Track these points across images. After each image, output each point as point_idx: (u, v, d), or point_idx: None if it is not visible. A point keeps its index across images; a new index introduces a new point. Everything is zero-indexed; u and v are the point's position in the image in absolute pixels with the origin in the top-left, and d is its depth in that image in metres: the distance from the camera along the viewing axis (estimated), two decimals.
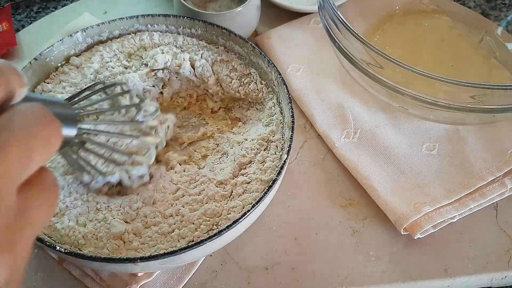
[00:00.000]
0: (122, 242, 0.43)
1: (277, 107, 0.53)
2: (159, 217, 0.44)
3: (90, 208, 0.44)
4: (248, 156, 0.49)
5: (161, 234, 0.43)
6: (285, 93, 0.49)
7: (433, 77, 0.48)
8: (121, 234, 0.43)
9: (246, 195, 0.46)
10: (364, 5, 0.69)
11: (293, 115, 0.48)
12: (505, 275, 0.49)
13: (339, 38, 0.55)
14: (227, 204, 0.45)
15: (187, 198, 0.46)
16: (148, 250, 0.42)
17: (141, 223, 0.44)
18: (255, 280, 0.48)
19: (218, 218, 0.44)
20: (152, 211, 0.45)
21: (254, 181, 0.47)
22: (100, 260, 0.39)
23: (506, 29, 0.66)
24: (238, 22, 0.61)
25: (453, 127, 0.58)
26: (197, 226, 0.43)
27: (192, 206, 0.45)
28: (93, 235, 0.43)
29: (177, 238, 0.43)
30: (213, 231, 0.43)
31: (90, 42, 0.57)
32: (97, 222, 0.44)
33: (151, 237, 0.43)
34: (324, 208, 0.53)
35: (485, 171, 0.53)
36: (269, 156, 0.49)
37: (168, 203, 0.45)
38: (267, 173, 0.47)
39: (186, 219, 0.44)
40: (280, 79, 0.50)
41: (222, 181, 0.47)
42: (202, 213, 0.44)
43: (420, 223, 0.49)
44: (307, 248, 0.50)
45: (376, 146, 0.56)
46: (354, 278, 0.48)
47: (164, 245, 0.42)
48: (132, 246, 0.42)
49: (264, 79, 0.55)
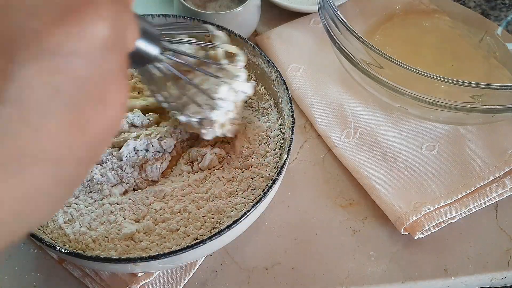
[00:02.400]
0: (133, 242, 0.43)
1: (274, 108, 0.53)
2: (168, 213, 0.45)
3: (104, 211, 0.45)
4: (251, 148, 0.50)
5: (169, 231, 0.44)
6: (285, 93, 0.50)
7: (433, 77, 0.48)
8: (132, 235, 0.43)
9: (249, 191, 0.47)
10: (364, 5, 0.69)
11: (293, 115, 0.48)
12: (505, 275, 0.49)
13: (339, 38, 0.55)
14: (230, 200, 0.46)
15: (194, 195, 0.46)
16: (155, 250, 0.42)
17: (151, 220, 0.44)
18: (255, 280, 0.48)
19: (221, 215, 0.45)
20: (161, 206, 0.45)
21: (257, 176, 0.47)
22: (99, 260, 0.39)
23: (506, 29, 0.66)
24: (238, 22, 0.61)
25: (453, 127, 0.58)
26: (202, 223, 0.44)
27: (198, 203, 0.46)
28: (104, 238, 0.43)
29: (183, 236, 0.43)
30: (215, 229, 0.43)
31: None
32: (108, 223, 0.44)
33: (160, 234, 0.43)
34: (324, 208, 0.53)
35: (485, 171, 0.53)
36: (269, 151, 0.49)
37: (177, 198, 0.46)
38: (269, 169, 0.48)
39: (192, 216, 0.45)
40: (280, 79, 0.50)
41: (230, 179, 0.48)
42: (208, 210, 0.45)
43: (420, 223, 0.49)
44: (307, 248, 0.50)
45: (376, 146, 0.56)
46: (354, 278, 0.48)
47: (170, 243, 0.43)
48: (141, 246, 0.42)
49: (262, 80, 0.55)
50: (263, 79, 0.55)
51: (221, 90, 0.44)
